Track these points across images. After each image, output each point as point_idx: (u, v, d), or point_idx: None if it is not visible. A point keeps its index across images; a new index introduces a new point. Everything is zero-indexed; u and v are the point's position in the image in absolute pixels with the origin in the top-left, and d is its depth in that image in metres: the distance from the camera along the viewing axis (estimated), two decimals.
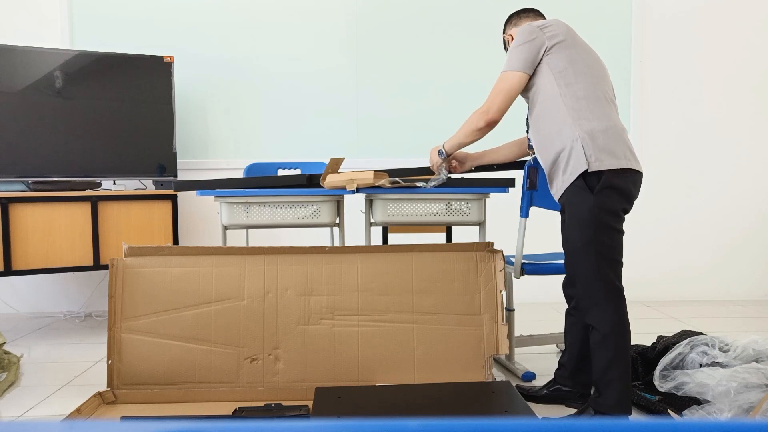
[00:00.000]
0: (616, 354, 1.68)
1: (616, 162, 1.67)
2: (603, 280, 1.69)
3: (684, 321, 3.13)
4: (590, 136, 1.68)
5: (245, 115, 3.55)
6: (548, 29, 1.78)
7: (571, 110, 1.71)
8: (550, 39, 1.76)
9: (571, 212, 1.73)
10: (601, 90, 1.76)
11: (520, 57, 1.78)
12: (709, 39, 3.65)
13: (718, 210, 3.71)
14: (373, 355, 2.01)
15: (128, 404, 1.90)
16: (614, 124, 1.73)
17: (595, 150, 1.67)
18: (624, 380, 1.69)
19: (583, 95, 1.72)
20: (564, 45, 1.76)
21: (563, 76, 1.74)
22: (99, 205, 2.88)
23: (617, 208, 1.69)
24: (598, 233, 1.68)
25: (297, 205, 2.22)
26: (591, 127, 1.69)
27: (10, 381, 2.20)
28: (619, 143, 1.70)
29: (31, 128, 2.91)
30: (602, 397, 1.71)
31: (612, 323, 1.69)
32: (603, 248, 1.69)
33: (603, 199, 1.67)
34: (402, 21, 3.56)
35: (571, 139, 1.70)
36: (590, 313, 1.72)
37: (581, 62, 1.76)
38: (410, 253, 2.10)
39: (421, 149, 3.59)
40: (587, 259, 1.70)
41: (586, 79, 1.74)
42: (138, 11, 3.46)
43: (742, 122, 3.69)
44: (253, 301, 2.02)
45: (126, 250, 2.03)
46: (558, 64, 1.75)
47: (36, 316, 3.41)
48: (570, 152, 1.70)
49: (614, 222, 1.69)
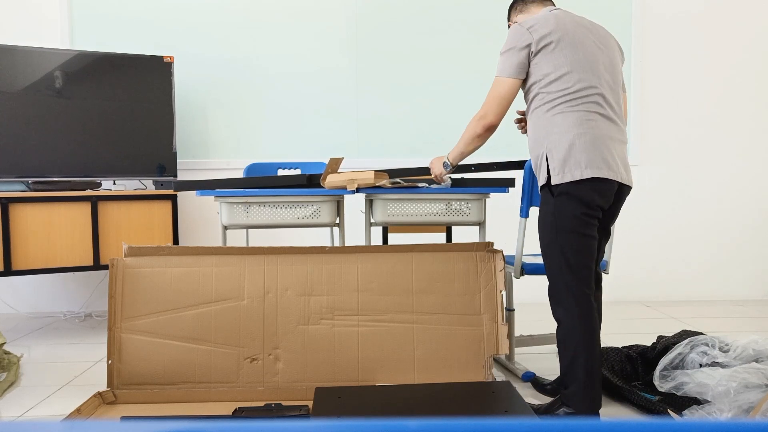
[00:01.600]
0: (577, 350, 1.72)
1: (579, 173, 1.70)
2: (564, 280, 1.75)
3: (684, 321, 3.13)
4: (555, 149, 1.73)
5: (245, 115, 3.55)
6: (537, 30, 1.76)
7: (547, 120, 1.76)
8: (537, 42, 1.75)
9: (540, 213, 1.83)
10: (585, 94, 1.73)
11: (508, 62, 1.79)
12: (709, 39, 3.65)
13: (718, 210, 3.71)
14: (373, 355, 2.01)
15: (128, 404, 1.90)
16: (589, 132, 1.72)
17: (558, 163, 1.73)
18: (588, 376, 1.71)
19: (560, 102, 1.74)
20: (551, 47, 1.74)
21: (545, 82, 1.75)
22: (99, 205, 2.88)
23: (576, 212, 1.72)
24: (559, 235, 1.74)
25: (297, 205, 2.22)
26: (559, 139, 1.73)
27: (10, 381, 2.20)
28: (584, 153, 1.70)
29: (31, 128, 2.91)
30: (569, 389, 1.75)
31: (573, 321, 1.73)
32: (565, 249, 1.74)
33: (561, 203, 1.74)
34: (402, 21, 3.56)
35: (542, 150, 1.78)
36: (555, 310, 1.79)
37: (566, 65, 1.73)
38: (410, 253, 2.10)
39: (421, 149, 3.59)
40: (551, 259, 1.78)
41: (569, 85, 1.73)
42: (138, 11, 3.46)
43: (741, 122, 3.69)
44: (253, 301, 2.02)
45: (126, 250, 2.03)
46: (542, 69, 1.75)
47: (36, 316, 3.41)
48: (541, 161, 1.79)
49: (576, 226, 1.72)
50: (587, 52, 1.77)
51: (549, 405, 1.86)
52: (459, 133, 3.58)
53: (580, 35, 1.78)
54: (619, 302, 3.56)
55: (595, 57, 1.78)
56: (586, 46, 1.78)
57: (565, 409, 1.78)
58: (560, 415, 1.79)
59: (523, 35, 1.77)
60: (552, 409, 1.83)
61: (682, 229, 3.71)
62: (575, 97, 1.73)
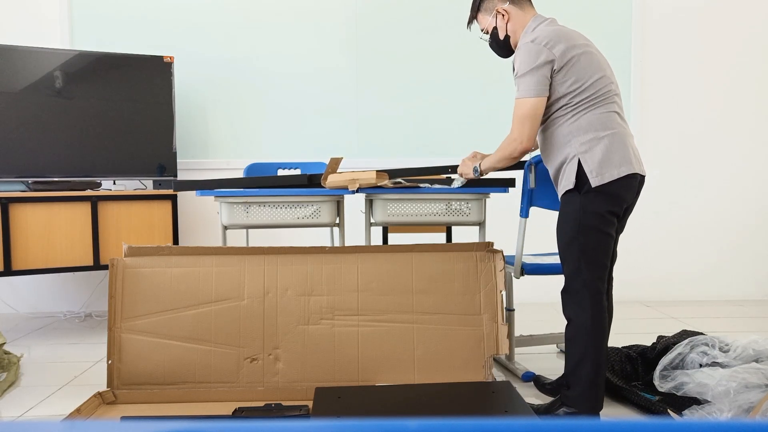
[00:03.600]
0: (587, 350, 1.72)
1: (616, 172, 1.73)
2: (582, 278, 1.75)
3: (684, 321, 3.13)
4: (589, 153, 1.74)
5: (245, 115, 3.55)
6: (555, 45, 1.75)
7: (573, 126, 1.77)
8: (561, 57, 1.74)
9: (562, 210, 1.83)
10: (605, 97, 1.77)
11: (532, 81, 1.77)
12: (709, 39, 3.65)
13: (718, 210, 3.71)
14: (373, 355, 2.01)
15: (128, 404, 1.90)
16: (615, 131, 1.75)
17: (595, 166, 1.73)
18: (594, 377, 1.71)
19: (584, 109, 1.76)
20: (572, 62, 1.75)
21: (569, 94, 1.76)
22: (99, 205, 2.88)
23: (602, 210, 1.73)
24: (582, 232, 1.74)
25: (297, 205, 2.22)
26: (591, 143, 1.74)
27: (10, 381, 2.20)
28: (616, 152, 1.74)
29: (31, 128, 2.91)
30: (571, 390, 1.75)
31: (586, 319, 1.73)
32: (586, 247, 1.74)
33: (589, 200, 1.74)
34: (402, 21, 3.56)
35: (565, 156, 1.78)
36: (567, 307, 1.79)
37: (586, 76, 1.76)
38: (410, 253, 2.10)
39: (421, 149, 3.59)
40: (570, 256, 1.78)
41: (592, 93, 1.76)
42: (138, 11, 3.46)
43: (742, 122, 3.69)
44: (253, 301, 2.02)
45: (126, 250, 2.03)
46: (565, 83, 1.76)
47: (36, 316, 3.41)
48: (567, 167, 1.78)
49: (599, 223, 1.74)
50: (595, 57, 1.81)
51: (549, 405, 1.86)
52: (459, 132, 3.58)
53: (583, 43, 1.81)
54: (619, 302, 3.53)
55: (603, 58, 1.84)
56: (594, 52, 1.82)
57: (565, 409, 1.78)
58: (560, 415, 1.79)
59: (542, 52, 1.75)
60: (552, 409, 1.83)
61: (682, 229, 3.71)
62: (599, 99, 1.76)
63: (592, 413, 1.73)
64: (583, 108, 1.76)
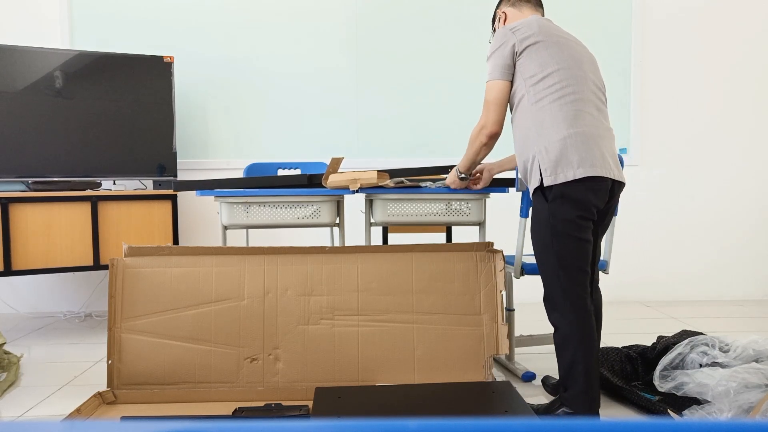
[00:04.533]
0: (576, 355, 1.71)
1: (572, 173, 1.67)
2: (560, 286, 1.73)
3: (684, 321, 3.13)
4: (546, 150, 1.71)
5: (245, 115, 3.55)
6: (520, 31, 1.77)
7: (536, 120, 1.74)
8: (521, 42, 1.75)
9: (533, 217, 1.81)
10: (574, 91, 1.73)
11: (495, 65, 1.79)
12: (709, 39, 3.65)
13: (718, 210, 3.71)
14: (373, 355, 2.01)
15: (128, 404, 1.90)
16: (579, 130, 1.70)
17: (550, 164, 1.69)
18: (588, 378, 1.70)
19: (548, 102, 1.72)
20: (536, 47, 1.75)
21: (532, 82, 1.75)
22: (99, 205, 2.88)
23: (572, 216, 1.69)
24: (555, 240, 1.72)
25: (297, 205, 2.22)
26: (549, 140, 1.70)
27: (10, 381, 2.20)
28: (576, 152, 1.68)
29: (31, 128, 2.91)
30: (568, 392, 1.75)
31: (570, 326, 1.72)
32: (562, 254, 1.72)
33: (555, 208, 1.71)
34: (402, 21, 3.56)
35: (532, 152, 1.75)
36: (550, 315, 1.78)
37: (553, 63, 1.74)
38: (410, 253, 2.10)
39: (421, 149, 3.59)
40: (546, 265, 1.76)
41: (556, 82, 1.73)
42: (138, 11, 3.46)
43: (742, 122, 3.69)
44: (253, 301, 2.02)
45: (126, 250, 2.03)
46: (528, 68, 1.75)
47: (36, 316, 3.41)
48: (532, 164, 1.76)
49: (570, 230, 1.70)
50: (573, 51, 1.79)
51: (549, 405, 1.86)
52: (459, 132, 3.58)
53: (563, 37, 1.81)
54: (619, 302, 3.56)
55: (580, 55, 1.80)
56: (570, 46, 1.80)
57: (564, 409, 1.78)
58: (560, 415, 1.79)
59: (506, 36, 1.78)
60: (552, 409, 1.83)
61: (682, 229, 3.71)
62: (563, 94, 1.72)
63: (590, 413, 1.73)
64: (548, 101, 1.72)
